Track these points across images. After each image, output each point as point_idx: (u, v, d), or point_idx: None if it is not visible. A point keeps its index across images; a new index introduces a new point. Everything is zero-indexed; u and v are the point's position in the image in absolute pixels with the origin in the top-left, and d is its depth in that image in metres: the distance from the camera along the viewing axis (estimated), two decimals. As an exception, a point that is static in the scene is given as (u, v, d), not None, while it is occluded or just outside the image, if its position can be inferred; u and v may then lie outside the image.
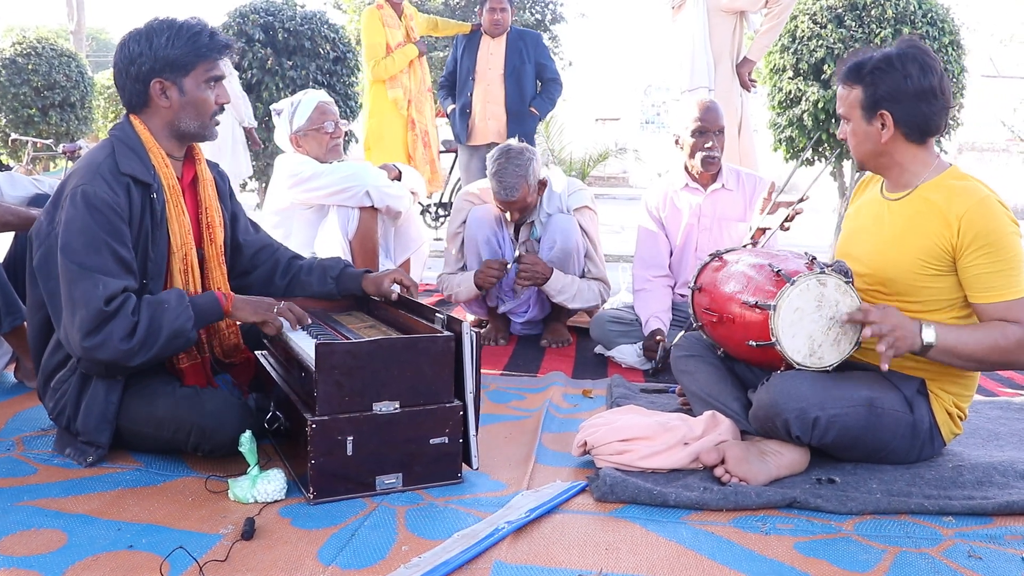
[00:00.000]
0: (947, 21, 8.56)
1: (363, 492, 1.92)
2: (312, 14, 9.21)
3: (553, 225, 3.47)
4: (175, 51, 2.09)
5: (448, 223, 3.78)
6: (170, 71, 2.10)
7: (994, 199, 2.01)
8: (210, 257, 2.27)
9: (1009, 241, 1.96)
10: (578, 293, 3.48)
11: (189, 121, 2.15)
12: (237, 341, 2.34)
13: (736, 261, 2.29)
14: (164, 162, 2.15)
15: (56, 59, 12.69)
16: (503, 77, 5.51)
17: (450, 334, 1.99)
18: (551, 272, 3.39)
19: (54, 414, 2.16)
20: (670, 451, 2.09)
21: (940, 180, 2.08)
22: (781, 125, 9.09)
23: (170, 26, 2.11)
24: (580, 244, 3.51)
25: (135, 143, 2.13)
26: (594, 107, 24.31)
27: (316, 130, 3.53)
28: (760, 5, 4.69)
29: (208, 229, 2.26)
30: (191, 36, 2.10)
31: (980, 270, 1.97)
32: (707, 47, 4.65)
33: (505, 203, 3.38)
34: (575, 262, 3.50)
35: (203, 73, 2.13)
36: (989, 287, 1.97)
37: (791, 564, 1.65)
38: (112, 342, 1.93)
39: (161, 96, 2.12)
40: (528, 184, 3.34)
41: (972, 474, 2.05)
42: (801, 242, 5.44)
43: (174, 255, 2.15)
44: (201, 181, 2.27)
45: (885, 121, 2.07)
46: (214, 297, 2.12)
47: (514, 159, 3.31)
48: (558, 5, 17.90)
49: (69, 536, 1.71)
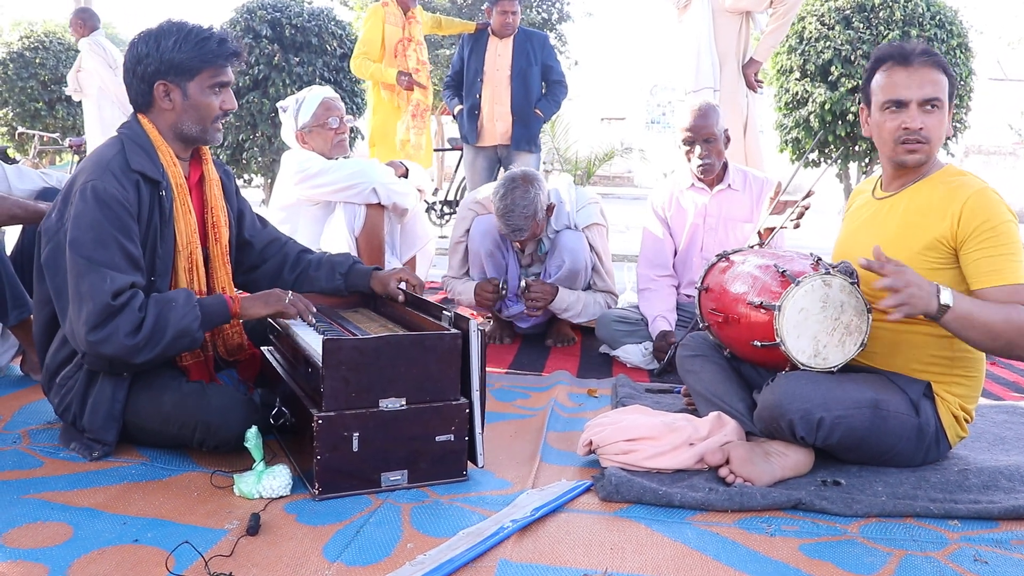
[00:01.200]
0: (955, 24, 8.54)
1: (368, 489, 1.92)
2: (319, 10, 9.22)
3: (561, 243, 3.41)
4: (181, 55, 2.09)
5: (452, 229, 3.76)
6: (175, 74, 2.10)
7: (991, 190, 2.02)
8: (215, 256, 2.27)
9: (1008, 228, 1.97)
10: (584, 309, 3.47)
11: (191, 124, 2.15)
12: (241, 341, 2.35)
13: (743, 262, 2.29)
14: (172, 161, 2.15)
15: (63, 53, 12.73)
16: (510, 78, 5.50)
17: (457, 332, 1.99)
18: (557, 292, 3.38)
19: (60, 410, 2.16)
20: (675, 451, 2.09)
21: (939, 176, 2.10)
22: (788, 126, 9.08)
23: (179, 29, 2.11)
24: (588, 261, 3.46)
25: (144, 141, 2.13)
26: (600, 106, 24.30)
27: (322, 126, 3.53)
28: (765, 5, 4.66)
29: (214, 228, 2.27)
30: (199, 41, 2.10)
31: (982, 255, 1.96)
32: (712, 47, 4.63)
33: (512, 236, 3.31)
34: (582, 279, 3.49)
35: (208, 78, 2.13)
36: (992, 271, 1.95)
37: (796, 566, 1.65)
38: (117, 337, 1.93)
39: (164, 98, 2.13)
40: (537, 220, 3.24)
41: (978, 478, 2.04)
42: (808, 243, 5.42)
43: (179, 253, 2.16)
44: (207, 181, 2.28)
45: (951, 115, 2.10)
46: (222, 299, 2.12)
47: (520, 198, 3.16)
48: (565, 4, 17.90)
49: (75, 529, 1.71)
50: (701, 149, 3.21)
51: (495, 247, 3.49)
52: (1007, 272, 1.95)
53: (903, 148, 2.07)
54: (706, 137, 3.20)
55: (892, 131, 2.08)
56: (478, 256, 3.51)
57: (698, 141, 3.21)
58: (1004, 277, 1.94)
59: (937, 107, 2.05)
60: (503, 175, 3.38)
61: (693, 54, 4.66)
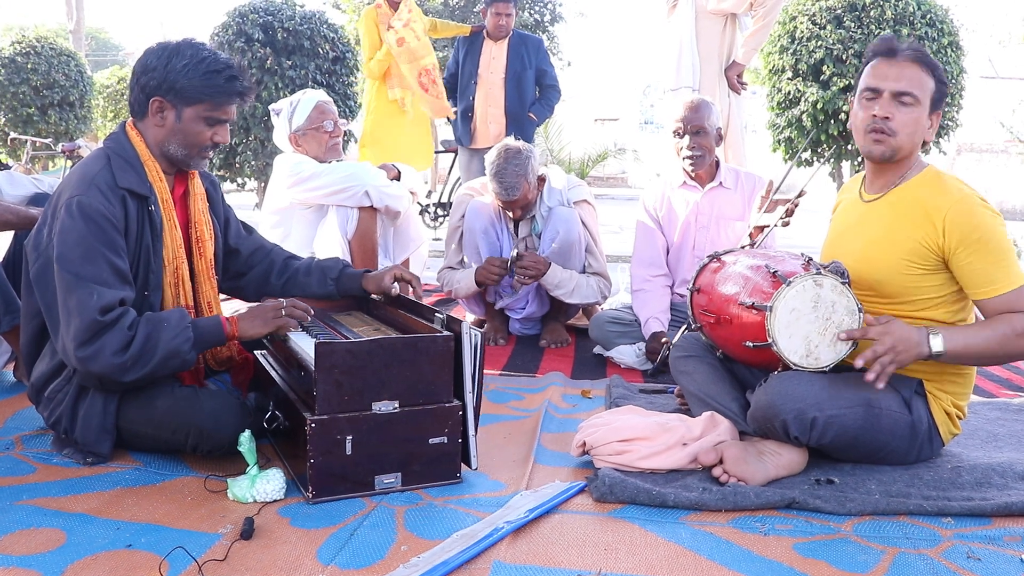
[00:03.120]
0: (946, 22, 8.57)
1: (362, 492, 1.92)
2: (311, 14, 9.21)
3: (555, 218, 3.49)
4: (185, 80, 2.06)
5: (449, 218, 3.80)
6: (174, 95, 2.08)
7: (974, 195, 2.02)
8: (200, 271, 2.25)
9: (995, 233, 1.97)
10: (576, 288, 3.49)
11: (177, 147, 2.12)
12: (231, 354, 2.33)
13: (734, 262, 2.29)
14: (159, 176, 2.14)
15: (55, 58, 12.71)
16: (504, 81, 5.52)
17: (449, 334, 1.99)
18: (549, 266, 3.40)
19: (50, 423, 2.15)
20: (669, 451, 2.09)
21: (920, 179, 2.10)
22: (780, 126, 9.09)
23: (194, 54, 2.07)
24: (582, 236, 3.53)
25: (131, 155, 2.11)
26: (593, 107, 24.32)
27: (315, 129, 3.53)
28: (745, 7, 4.69)
29: (198, 243, 2.25)
30: (208, 72, 2.06)
31: (975, 266, 1.97)
32: (694, 48, 4.68)
33: (507, 202, 3.39)
34: (577, 255, 3.51)
35: (205, 110, 2.10)
36: (989, 282, 1.97)
37: (790, 565, 1.65)
38: (104, 354, 1.91)
39: (157, 114, 2.10)
40: (528, 182, 3.36)
41: (971, 475, 2.05)
42: (800, 243, 5.44)
43: (165, 268, 2.14)
44: (192, 196, 2.26)
45: (934, 122, 2.09)
46: (218, 321, 2.07)
47: (512, 159, 3.33)
48: (557, 5, 17.90)
49: (68, 535, 1.70)
50: (690, 140, 3.23)
51: (489, 224, 3.56)
52: (1001, 280, 1.96)
53: (870, 137, 2.08)
54: (695, 129, 3.22)
55: (864, 119, 2.09)
56: (473, 234, 3.56)
57: (688, 132, 3.23)
58: (1001, 287, 1.96)
59: (910, 103, 2.04)
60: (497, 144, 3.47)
61: (675, 54, 4.72)
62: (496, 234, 3.58)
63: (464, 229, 3.62)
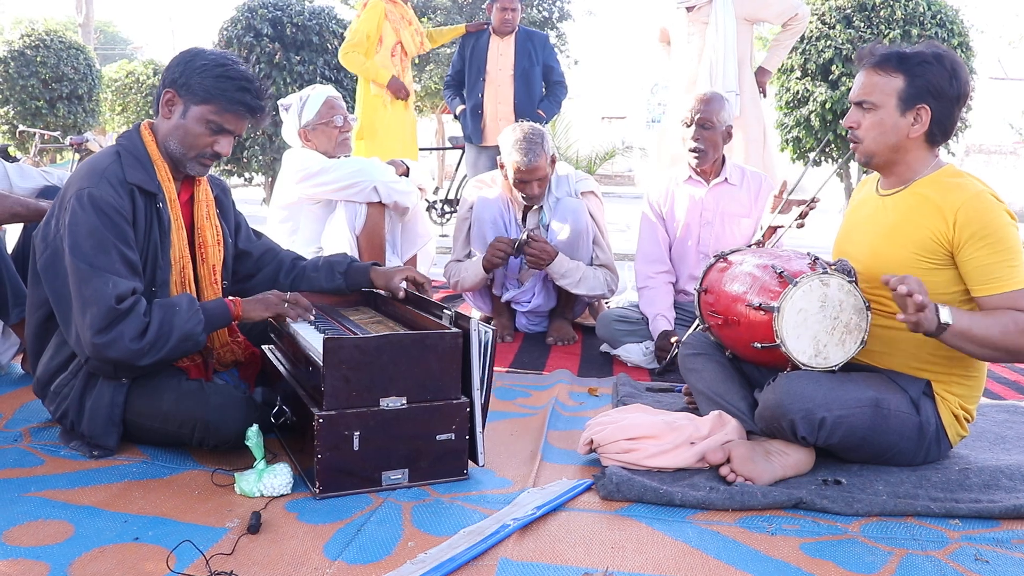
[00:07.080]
0: (956, 23, 8.53)
1: (369, 487, 1.92)
2: (320, 9, 9.23)
3: (563, 207, 3.52)
4: (199, 78, 2.09)
5: (458, 211, 3.82)
6: (185, 90, 2.11)
7: (988, 193, 2.01)
8: (202, 276, 2.26)
9: (1007, 232, 1.96)
10: (583, 279, 3.49)
11: (175, 144, 2.13)
12: (235, 358, 2.34)
13: (741, 262, 2.28)
14: (167, 176, 2.15)
15: (64, 52, 12.74)
16: (512, 78, 5.51)
17: (458, 330, 1.99)
18: (556, 253, 3.41)
19: (57, 416, 2.16)
20: (676, 450, 2.09)
21: (936, 176, 2.09)
22: (788, 125, 9.07)
23: (217, 60, 2.11)
24: (589, 226, 3.55)
25: (141, 154, 2.13)
26: (600, 105, 24.31)
27: (325, 124, 3.53)
28: (784, 19, 4.81)
29: (200, 249, 2.26)
30: (221, 76, 2.09)
31: (981, 262, 1.96)
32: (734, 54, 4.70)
33: (526, 173, 3.38)
34: (585, 245, 3.52)
35: (211, 112, 2.11)
36: (991, 279, 1.96)
37: (797, 565, 1.65)
38: (123, 341, 1.94)
39: (167, 106, 2.13)
40: (546, 154, 3.41)
41: (979, 477, 2.04)
42: (810, 242, 5.43)
43: (172, 267, 2.16)
44: (196, 202, 2.26)
45: (921, 116, 2.05)
46: (223, 303, 2.14)
47: (529, 133, 3.40)
48: (565, 3, 17.89)
49: (76, 527, 1.71)
50: (695, 131, 3.23)
51: (498, 215, 3.58)
52: (1005, 279, 1.95)
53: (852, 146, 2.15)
54: (703, 122, 3.21)
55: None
56: (481, 223, 3.57)
57: (695, 123, 3.22)
58: (1003, 285, 1.95)
59: (869, 108, 2.08)
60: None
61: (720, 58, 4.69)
62: (504, 225, 3.59)
63: (472, 220, 3.63)
